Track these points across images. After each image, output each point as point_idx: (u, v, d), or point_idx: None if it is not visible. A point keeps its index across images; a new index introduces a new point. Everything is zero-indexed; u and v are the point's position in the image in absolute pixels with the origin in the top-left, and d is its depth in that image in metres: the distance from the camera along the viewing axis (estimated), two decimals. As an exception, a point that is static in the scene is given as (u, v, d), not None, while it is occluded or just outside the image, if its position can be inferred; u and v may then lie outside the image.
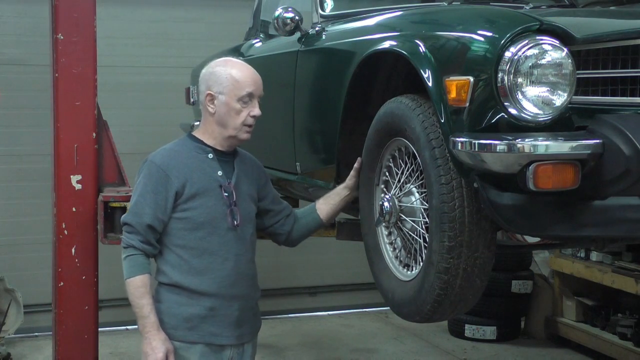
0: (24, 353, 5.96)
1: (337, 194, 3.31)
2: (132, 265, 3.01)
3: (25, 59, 6.24)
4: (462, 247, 2.62)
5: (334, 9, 3.78)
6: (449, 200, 2.58)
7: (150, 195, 3.01)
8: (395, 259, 3.05)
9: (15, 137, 6.30)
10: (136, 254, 3.01)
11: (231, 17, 6.56)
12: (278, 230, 3.33)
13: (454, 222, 2.58)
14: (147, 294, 3.00)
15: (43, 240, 5.38)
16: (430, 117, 2.68)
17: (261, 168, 3.32)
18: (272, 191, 3.34)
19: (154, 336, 2.98)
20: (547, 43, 2.41)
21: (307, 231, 3.37)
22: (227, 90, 3.04)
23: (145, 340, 2.99)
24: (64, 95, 4.03)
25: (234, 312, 3.08)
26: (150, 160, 3.07)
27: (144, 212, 3.00)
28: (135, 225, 3.00)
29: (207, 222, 3.03)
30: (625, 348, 5.49)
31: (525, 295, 6.31)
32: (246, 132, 3.07)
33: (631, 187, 2.39)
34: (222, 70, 3.07)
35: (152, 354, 2.97)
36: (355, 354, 6.09)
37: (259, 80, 3.08)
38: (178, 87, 5.91)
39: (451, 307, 2.77)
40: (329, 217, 3.35)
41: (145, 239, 3.00)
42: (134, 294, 3.00)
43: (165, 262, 3.07)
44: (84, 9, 4.02)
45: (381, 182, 3.09)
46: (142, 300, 2.99)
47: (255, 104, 3.06)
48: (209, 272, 3.03)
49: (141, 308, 2.99)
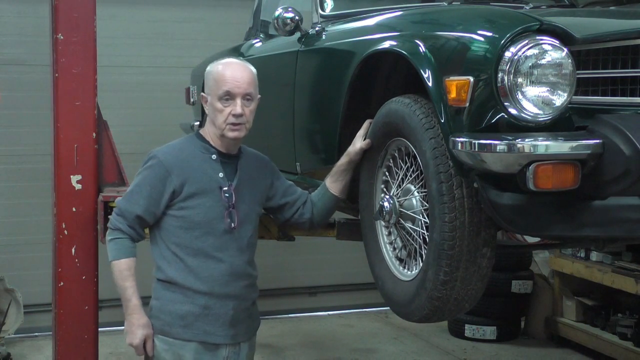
0: (24, 353, 5.96)
1: (340, 166, 3.26)
2: (118, 248, 3.08)
3: (25, 59, 6.24)
4: (456, 281, 2.66)
5: (334, 9, 3.78)
6: (449, 239, 2.60)
7: (147, 187, 3.05)
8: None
9: (15, 137, 6.29)
10: (122, 237, 3.08)
11: (231, 17, 6.55)
12: (300, 220, 3.35)
13: (452, 260, 2.61)
14: (131, 277, 3.07)
15: (43, 240, 5.38)
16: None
17: (268, 166, 3.31)
18: (283, 184, 3.34)
19: (135, 320, 3.07)
20: (547, 43, 2.41)
21: (328, 212, 3.38)
22: (211, 90, 3.07)
23: (127, 322, 3.09)
24: (64, 95, 4.02)
25: (229, 311, 3.08)
26: (154, 153, 3.10)
27: (137, 202, 3.06)
28: (125, 212, 3.08)
29: (203, 223, 3.05)
30: (625, 348, 5.49)
31: (525, 295, 6.31)
32: (231, 131, 3.05)
33: (631, 187, 2.39)
34: (209, 71, 3.11)
35: (130, 338, 3.08)
36: (355, 354, 6.09)
37: (243, 78, 3.04)
38: (178, 87, 5.91)
39: (439, 319, 2.90)
40: (342, 192, 3.32)
41: (132, 227, 3.08)
42: (118, 277, 3.07)
43: (162, 258, 3.10)
44: (84, 9, 4.02)
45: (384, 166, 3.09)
46: (126, 283, 3.06)
47: (237, 102, 3.03)
48: (202, 271, 3.05)
49: (125, 290, 3.06)
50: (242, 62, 3.15)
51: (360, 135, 3.17)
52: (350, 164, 3.23)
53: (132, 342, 3.07)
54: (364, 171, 3.19)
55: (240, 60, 3.21)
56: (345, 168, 3.25)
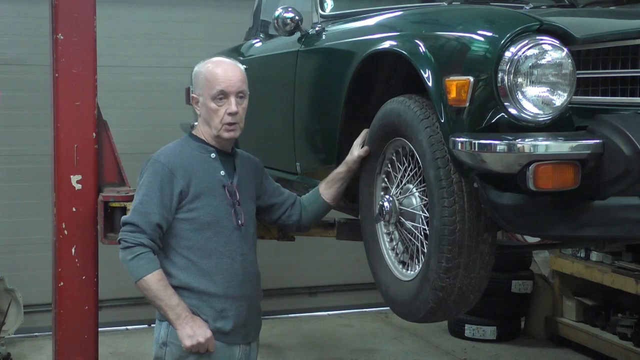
0: (24, 353, 5.96)
1: (337, 174, 3.26)
2: (147, 262, 2.95)
3: (25, 59, 6.24)
4: (459, 268, 2.64)
5: (334, 9, 3.78)
6: (450, 223, 2.58)
7: (157, 194, 2.98)
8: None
9: (15, 137, 6.29)
10: (146, 252, 2.96)
11: (231, 17, 6.55)
12: (287, 222, 3.34)
13: (453, 245, 2.60)
14: (169, 285, 2.97)
15: (43, 240, 5.38)
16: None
17: (258, 165, 3.32)
18: (271, 185, 3.34)
19: (193, 320, 2.97)
20: (547, 43, 2.41)
21: (316, 217, 3.37)
22: (203, 91, 3.05)
23: (185, 324, 2.95)
24: (64, 95, 4.02)
25: (243, 312, 3.08)
26: (154, 159, 3.06)
27: (151, 211, 2.97)
28: (142, 224, 2.95)
29: (213, 222, 3.03)
30: (625, 348, 5.49)
31: (525, 295, 6.30)
32: (227, 131, 3.04)
33: (631, 187, 2.39)
34: (198, 71, 3.09)
35: (197, 335, 2.94)
36: (355, 354, 6.09)
37: (235, 76, 3.03)
38: (178, 87, 5.91)
39: (444, 315, 2.85)
40: (334, 199, 3.32)
41: (152, 238, 2.97)
42: (156, 288, 2.94)
43: (172, 265, 3.04)
44: (84, 9, 4.02)
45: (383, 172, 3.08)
46: (167, 291, 2.95)
47: (232, 101, 3.01)
48: (217, 273, 3.03)
49: (169, 298, 2.95)
50: (230, 60, 3.13)
51: (358, 144, 3.16)
52: (348, 172, 3.22)
53: (207, 335, 2.95)
54: (362, 180, 3.19)
55: (226, 58, 3.19)
56: (342, 176, 3.24)
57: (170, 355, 3.02)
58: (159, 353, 3.06)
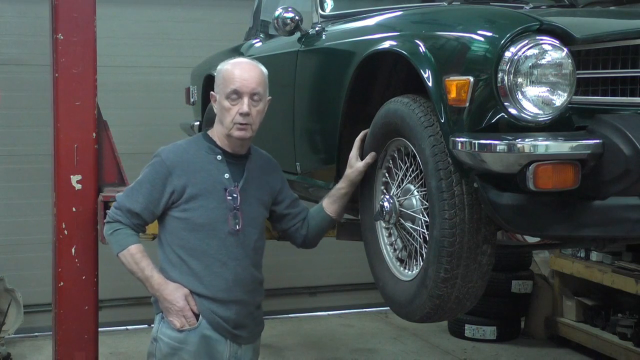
0: (24, 353, 5.96)
1: (339, 190, 3.25)
2: (124, 237, 3.05)
3: (25, 59, 6.24)
4: (457, 279, 2.65)
5: (334, 9, 3.78)
6: (449, 235, 2.58)
7: (147, 186, 3.04)
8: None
9: (15, 137, 6.29)
10: (124, 228, 3.06)
11: (231, 17, 6.55)
12: (295, 234, 3.31)
13: (452, 257, 2.60)
14: (145, 257, 3.04)
15: (43, 240, 5.38)
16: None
17: (278, 172, 3.29)
18: (289, 195, 3.30)
19: (166, 289, 3.02)
20: (547, 43, 2.41)
21: (321, 231, 3.34)
22: (219, 89, 3.07)
23: (160, 296, 3.02)
24: (64, 95, 4.02)
25: (231, 315, 3.07)
26: (157, 153, 3.10)
27: (136, 199, 3.05)
28: (123, 207, 3.07)
29: (206, 224, 3.03)
30: (625, 348, 5.49)
31: (525, 295, 6.31)
32: (238, 130, 3.04)
33: (631, 187, 2.39)
34: (219, 70, 3.10)
35: (173, 305, 3.00)
36: (355, 354, 6.09)
37: (251, 77, 3.03)
38: (178, 87, 5.91)
39: (441, 319, 2.88)
40: (338, 214, 3.32)
41: (130, 222, 3.06)
42: (132, 262, 3.04)
43: (167, 261, 3.08)
44: (84, 9, 4.02)
45: (384, 168, 3.08)
46: (142, 264, 3.03)
47: (245, 101, 3.01)
48: (206, 276, 3.03)
49: (143, 270, 3.03)
50: (252, 62, 3.13)
51: (355, 156, 3.15)
52: (350, 186, 3.20)
53: (178, 304, 2.99)
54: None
55: (251, 60, 3.18)
56: (345, 191, 3.22)
57: (159, 351, 3.07)
58: (150, 348, 3.12)
